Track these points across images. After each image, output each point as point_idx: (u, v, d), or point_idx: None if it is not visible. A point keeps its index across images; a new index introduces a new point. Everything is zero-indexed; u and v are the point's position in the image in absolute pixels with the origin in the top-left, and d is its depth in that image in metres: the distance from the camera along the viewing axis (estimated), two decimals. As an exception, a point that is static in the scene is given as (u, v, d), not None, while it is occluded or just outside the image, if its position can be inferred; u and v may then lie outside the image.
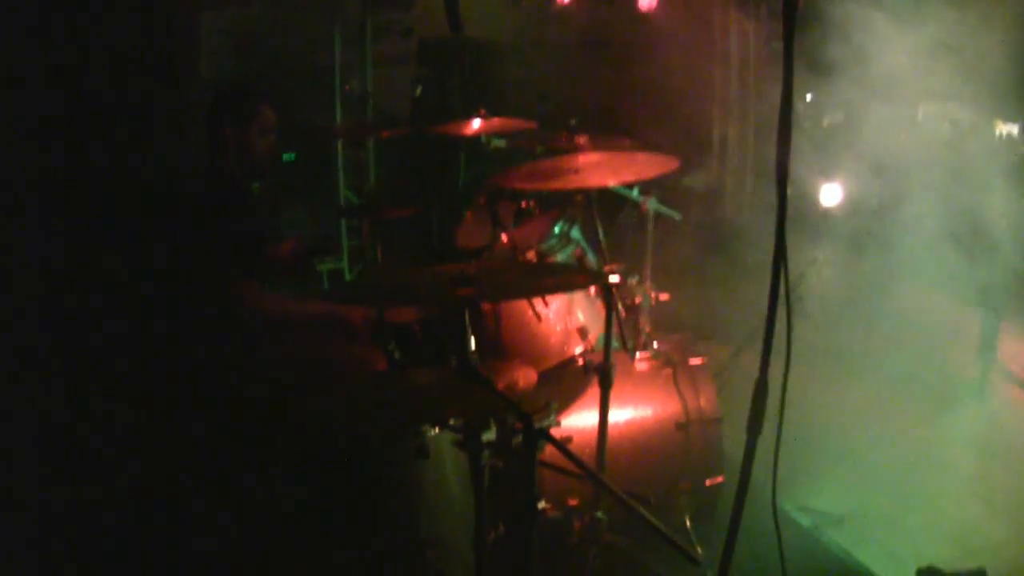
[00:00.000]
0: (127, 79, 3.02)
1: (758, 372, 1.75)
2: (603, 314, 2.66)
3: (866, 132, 4.45)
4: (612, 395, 2.65)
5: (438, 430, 2.20)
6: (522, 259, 2.89)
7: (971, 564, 2.70)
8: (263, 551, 2.53)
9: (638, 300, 3.12)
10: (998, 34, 3.72)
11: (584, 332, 2.85)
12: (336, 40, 5.63)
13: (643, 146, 3.20)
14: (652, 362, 3.01)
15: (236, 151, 3.00)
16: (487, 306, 2.79)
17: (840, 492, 3.25)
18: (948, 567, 2.65)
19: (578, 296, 2.90)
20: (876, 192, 4.72)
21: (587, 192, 2.90)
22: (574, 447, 2.68)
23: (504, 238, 3.05)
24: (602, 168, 2.69)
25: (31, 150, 2.75)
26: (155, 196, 3.12)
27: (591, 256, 2.99)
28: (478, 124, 3.53)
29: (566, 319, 2.84)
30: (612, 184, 2.80)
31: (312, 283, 5.31)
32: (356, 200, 5.72)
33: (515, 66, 6.16)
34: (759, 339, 1.73)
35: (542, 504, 1.89)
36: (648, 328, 3.10)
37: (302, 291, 4.34)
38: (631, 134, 3.75)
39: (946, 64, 3.79)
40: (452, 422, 2.07)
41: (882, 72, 4.00)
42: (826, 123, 5.18)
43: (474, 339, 2.01)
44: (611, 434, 2.70)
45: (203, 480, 2.73)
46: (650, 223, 3.28)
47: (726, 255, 5.70)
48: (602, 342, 2.64)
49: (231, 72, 5.36)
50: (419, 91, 5.92)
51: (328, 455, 2.40)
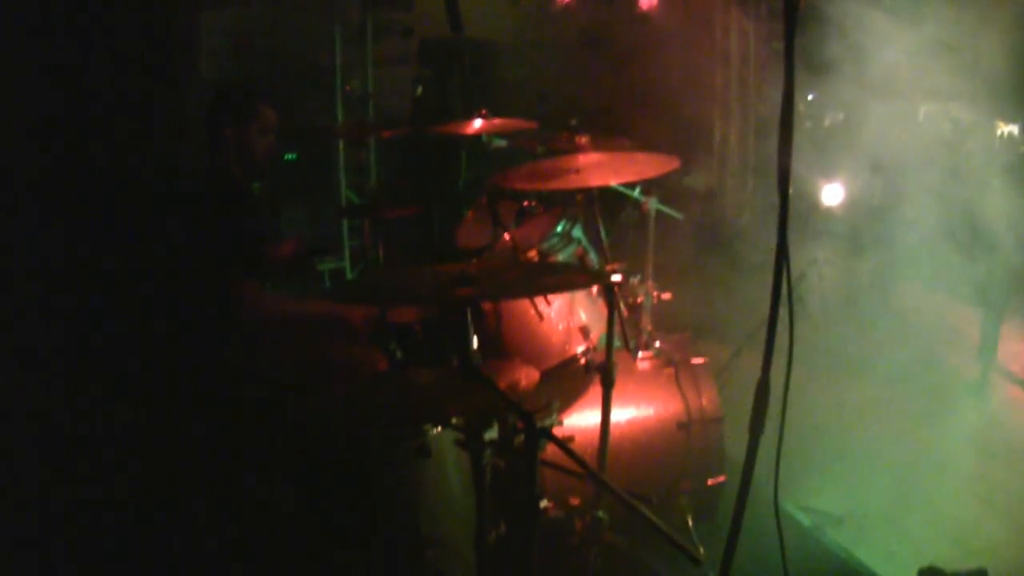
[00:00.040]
0: (127, 79, 3.01)
1: (760, 372, 1.75)
2: (605, 313, 2.65)
3: (867, 132, 4.44)
4: (614, 394, 2.66)
5: (440, 429, 2.20)
6: (523, 258, 2.89)
7: (971, 564, 2.70)
8: (263, 551, 2.53)
9: (640, 299, 3.13)
10: (998, 34, 3.72)
11: (586, 331, 2.85)
12: (336, 40, 5.63)
13: (643, 146, 3.20)
14: (654, 361, 3.01)
15: (236, 151, 3.00)
16: (488, 305, 2.78)
17: (840, 492, 3.25)
18: (948, 567, 2.65)
19: (580, 295, 2.89)
20: (877, 192, 4.72)
21: (588, 191, 2.90)
22: (576, 446, 2.63)
23: (505, 237, 3.05)
24: (603, 168, 2.69)
25: (31, 150, 2.74)
26: (155, 196, 3.12)
27: (593, 255, 2.99)
28: (479, 124, 3.53)
29: (568, 318, 2.84)
30: (613, 184, 2.81)
31: (313, 283, 5.31)
32: (357, 200, 5.72)
33: (515, 66, 6.15)
34: (760, 339, 1.73)
35: (544, 503, 1.89)
36: (650, 327, 3.10)
37: (302, 291, 4.34)
38: (631, 134, 3.75)
39: (947, 64, 3.79)
40: (454, 421, 2.07)
41: (883, 72, 4.00)
42: (827, 123, 5.18)
43: (476, 338, 2.01)
44: (613, 433, 2.70)
45: (203, 480, 2.73)
46: (651, 223, 3.28)
47: (727, 254, 5.70)
48: (604, 341, 2.64)
49: (231, 72, 5.35)
50: (420, 91, 5.91)
51: (328, 455, 2.40)
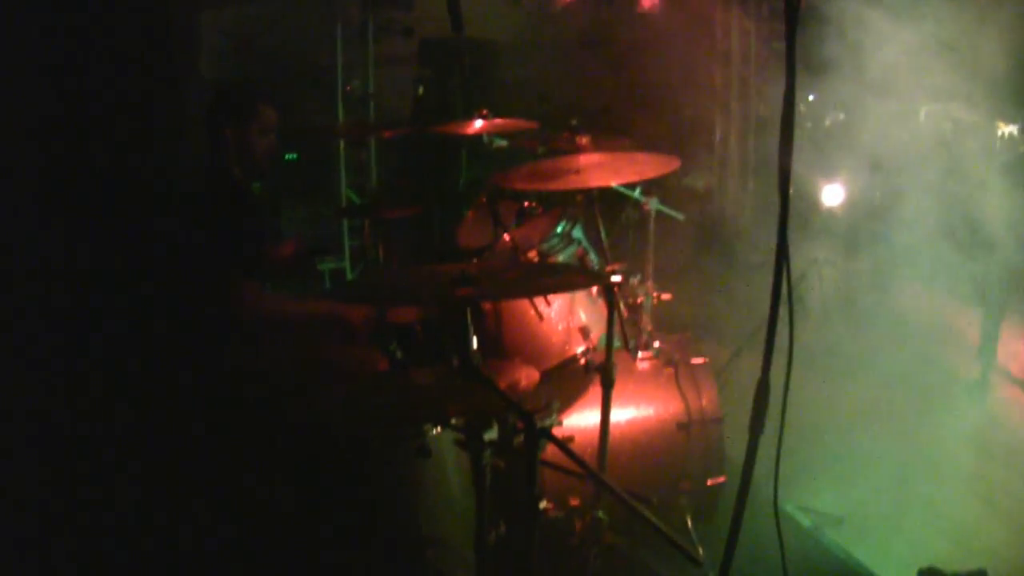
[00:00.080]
0: (127, 79, 3.01)
1: (760, 372, 1.75)
2: (605, 313, 2.65)
3: (867, 132, 4.44)
4: (614, 394, 2.66)
5: (439, 429, 2.20)
6: (523, 259, 2.89)
7: (971, 565, 2.70)
8: (263, 551, 2.53)
9: (640, 299, 3.12)
10: (998, 33, 3.72)
11: (586, 331, 2.85)
12: (337, 40, 5.63)
13: (644, 146, 3.21)
14: (654, 362, 3.01)
15: (236, 151, 3.00)
16: (489, 306, 2.78)
17: (840, 492, 3.25)
18: (948, 567, 2.65)
19: (580, 296, 2.89)
20: (877, 192, 4.72)
21: (589, 192, 2.90)
22: (575, 447, 2.65)
23: (506, 238, 3.05)
24: (603, 168, 2.69)
25: (31, 150, 2.75)
26: (155, 196, 3.12)
27: (593, 256, 2.99)
28: (479, 124, 3.53)
29: (568, 319, 2.84)
30: (613, 184, 2.81)
31: (313, 283, 5.31)
32: (358, 200, 5.71)
33: (516, 66, 6.15)
34: (760, 339, 1.73)
35: (543, 504, 1.89)
36: (650, 327, 3.09)
37: (302, 291, 4.33)
38: (632, 134, 3.75)
39: (947, 64, 3.79)
40: (454, 421, 2.07)
41: (883, 72, 3.99)
42: (828, 123, 5.17)
43: (476, 339, 2.01)
44: (612, 434, 2.70)
45: (203, 480, 2.73)
46: (651, 223, 3.28)
47: (727, 255, 5.70)
48: (604, 341, 2.64)
49: (231, 72, 5.35)
50: (420, 91, 5.91)
51: (328, 455, 2.40)
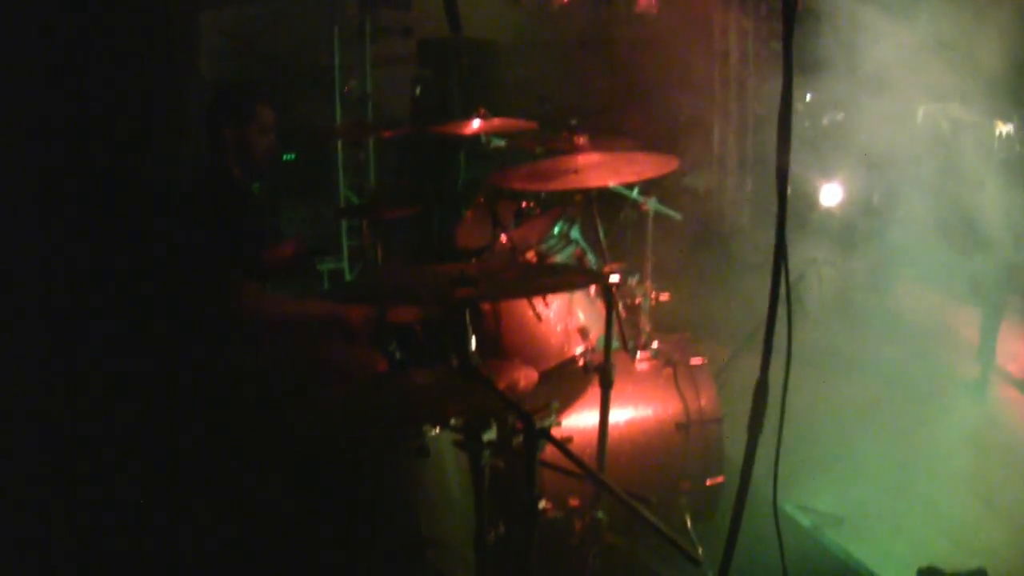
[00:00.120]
0: (127, 79, 3.02)
1: (758, 372, 1.75)
2: (603, 314, 2.65)
3: (865, 132, 4.44)
4: (612, 395, 2.65)
5: (439, 430, 2.20)
6: (522, 259, 2.89)
7: (971, 564, 2.70)
8: (263, 551, 2.53)
9: (638, 300, 3.12)
10: (996, 33, 3.73)
11: (584, 332, 2.85)
12: (336, 40, 5.63)
13: (642, 146, 3.21)
14: (652, 362, 3.00)
15: (235, 151, 3.00)
16: (487, 306, 2.78)
17: (840, 492, 3.25)
18: (948, 567, 2.65)
19: (578, 296, 2.89)
20: (875, 192, 4.72)
21: (587, 192, 2.90)
22: (574, 447, 2.63)
23: (504, 238, 3.05)
24: (602, 168, 2.69)
25: (31, 150, 2.75)
26: (155, 196, 3.12)
27: (591, 256, 2.99)
28: (478, 124, 3.53)
29: (566, 319, 2.84)
30: (611, 184, 2.81)
31: (312, 283, 5.31)
32: (356, 200, 5.71)
33: (515, 66, 6.15)
34: (759, 339, 1.73)
35: (543, 504, 1.89)
36: (648, 328, 3.10)
37: (302, 291, 4.34)
38: (630, 134, 3.75)
39: (945, 63, 3.79)
40: (453, 422, 2.07)
41: (881, 72, 4.00)
42: (825, 123, 5.17)
43: (475, 339, 2.01)
44: (611, 434, 2.69)
45: (203, 480, 2.73)
46: (650, 223, 3.28)
47: (726, 255, 5.70)
48: (602, 342, 2.64)
49: (231, 72, 5.35)
50: (419, 91, 5.91)
51: (328, 455, 2.40)
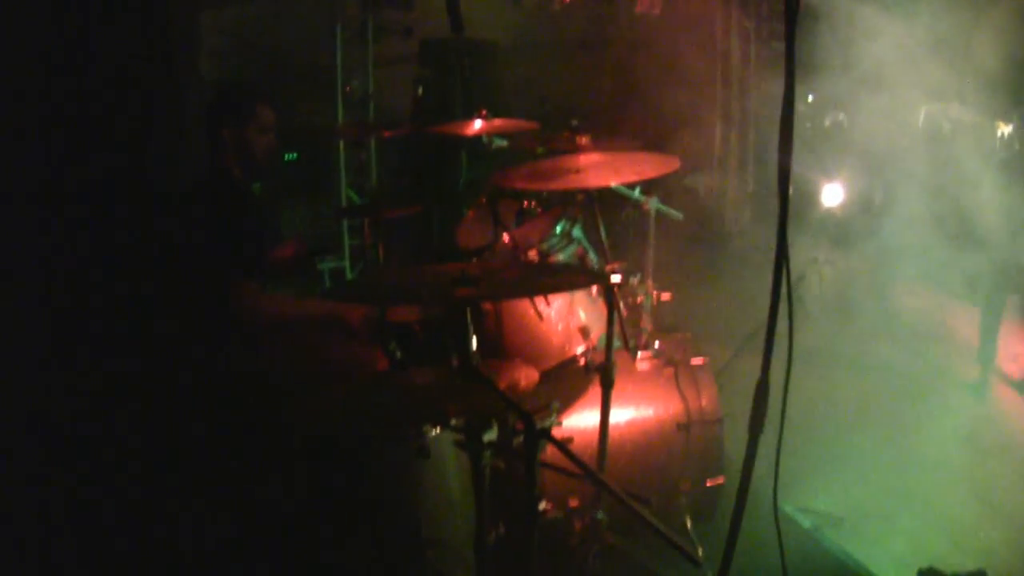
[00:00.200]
0: (127, 79, 3.02)
1: (759, 372, 1.75)
2: (605, 313, 2.65)
3: (867, 132, 4.44)
4: (613, 395, 2.66)
5: (439, 430, 2.20)
6: (523, 259, 2.89)
7: (971, 565, 2.70)
8: (263, 551, 2.53)
9: (640, 299, 3.13)
10: (996, 33, 3.73)
11: (586, 332, 2.85)
12: (337, 40, 5.63)
13: (643, 146, 3.20)
14: (653, 362, 3.00)
15: (235, 151, 3.00)
16: (488, 306, 2.78)
17: (839, 493, 3.25)
18: (948, 568, 2.65)
19: (580, 295, 2.89)
20: (877, 192, 4.72)
21: (588, 192, 2.90)
22: (575, 447, 2.63)
23: (505, 238, 3.05)
24: (603, 168, 2.69)
25: (32, 150, 2.75)
26: (155, 196, 3.12)
27: (592, 255, 2.99)
28: (479, 124, 3.53)
29: (568, 319, 2.84)
30: (613, 184, 2.80)
31: (313, 283, 5.31)
32: (358, 200, 5.72)
33: (515, 66, 6.16)
34: (760, 339, 1.72)
35: (543, 504, 1.89)
36: (649, 327, 3.10)
37: (303, 291, 4.34)
38: (631, 134, 3.75)
39: (947, 64, 3.79)
40: (453, 422, 2.07)
41: (882, 72, 4.00)
42: (827, 123, 5.18)
43: (475, 339, 2.00)
44: (612, 434, 2.70)
45: (203, 480, 2.73)
46: (651, 223, 3.28)
47: (727, 255, 5.70)
48: (603, 341, 2.64)
49: (231, 72, 5.35)
50: (420, 91, 5.91)
51: (328, 456, 2.40)
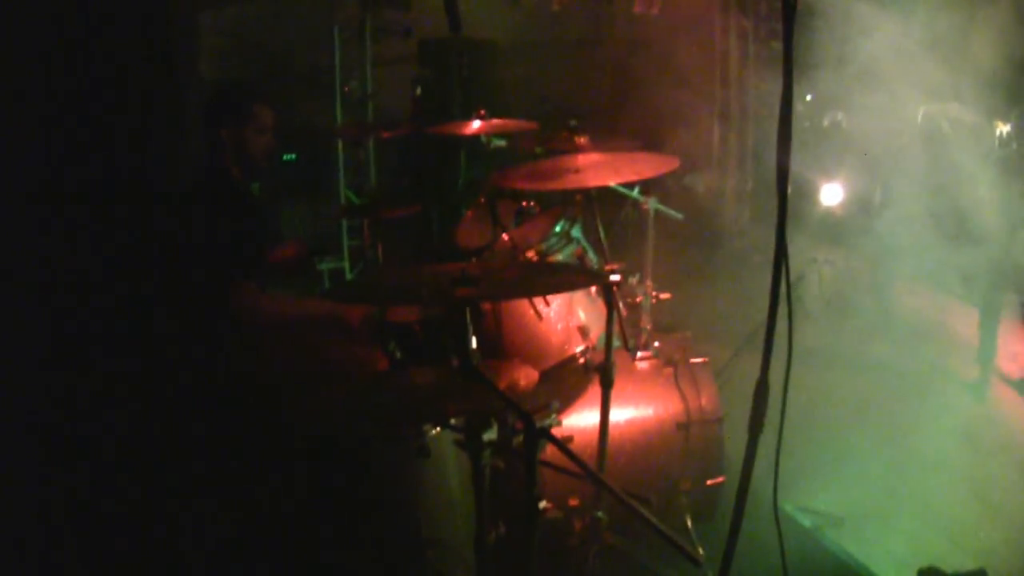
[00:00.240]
0: (127, 79, 3.02)
1: (759, 372, 1.75)
2: (604, 313, 2.66)
3: (866, 132, 4.44)
4: (613, 394, 2.66)
5: (439, 430, 2.20)
6: (522, 258, 2.89)
7: (971, 565, 2.70)
8: (263, 551, 2.53)
9: (639, 299, 3.13)
10: (995, 33, 3.73)
11: (585, 331, 2.85)
12: (336, 40, 5.63)
13: (642, 146, 3.21)
14: (653, 361, 3.01)
15: (233, 151, 3.00)
16: (488, 306, 2.78)
17: (840, 493, 3.25)
18: (948, 567, 2.65)
19: (579, 295, 2.89)
20: (876, 191, 4.72)
21: (588, 191, 2.90)
22: (575, 447, 2.68)
23: (504, 237, 3.05)
24: (602, 168, 2.69)
25: (32, 150, 2.75)
26: (155, 196, 3.12)
27: (592, 255, 2.99)
28: (478, 124, 3.53)
29: (567, 318, 2.84)
30: (612, 184, 2.81)
31: (313, 283, 5.31)
32: (357, 200, 5.72)
33: (515, 66, 6.16)
34: (759, 339, 1.73)
35: (543, 504, 1.89)
36: (649, 327, 3.10)
37: (303, 291, 4.34)
38: (630, 134, 3.75)
39: (946, 64, 3.79)
40: (453, 421, 2.07)
41: (881, 72, 4.00)
42: (826, 123, 5.18)
43: (475, 339, 2.01)
44: (612, 434, 2.70)
45: (203, 480, 2.73)
46: (651, 222, 3.29)
47: (726, 254, 5.70)
48: (603, 341, 2.64)
49: (231, 72, 5.36)
50: (419, 91, 5.91)
51: (328, 455, 2.40)
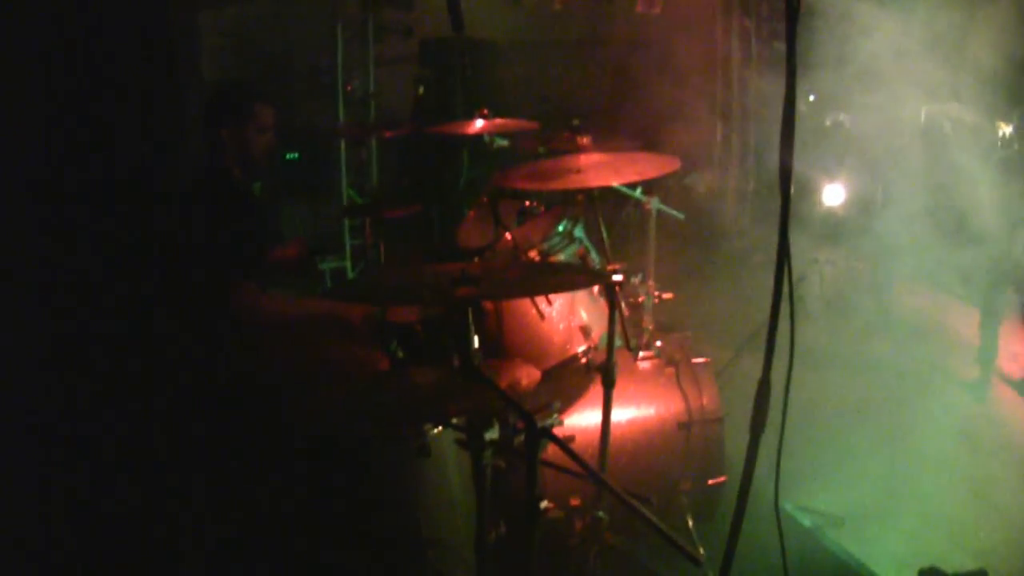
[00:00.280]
0: (127, 79, 3.02)
1: (760, 372, 1.75)
2: (606, 313, 2.65)
3: (868, 132, 4.44)
4: (615, 394, 2.66)
5: (440, 429, 2.20)
6: (524, 258, 2.89)
7: (972, 565, 2.70)
8: (263, 551, 2.53)
9: (641, 299, 3.13)
10: (997, 33, 3.73)
11: (587, 331, 2.85)
12: (338, 40, 5.64)
13: (644, 146, 3.21)
14: (655, 361, 3.01)
15: (234, 150, 3.00)
16: (490, 305, 2.78)
17: (841, 492, 3.25)
18: (948, 567, 2.65)
19: (581, 295, 2.89)
20: (878, 192, 4.73)
21: (589, 191, 2.90)
22: (576, 446, 2.67)
23: (507, 237, 3.05)
24: (604, 168, 2.69)
25: (32, 150, 2.75)
26: (155, 196, 3.12)
27: (594, 255, 2.99)
28: (480, 124, 3.52)
29: (569, 318, 2.84)
30: (614, 184, 2.81)
31: (315, 283, 5.31)
32: (359, 200, 5.72)
33: (515, 66, 6.16)
34: (761, 339, 1.72)
35: (544, 504, 1.89)
36: (651, 327, 3.10)
37: (304, 291, 4.33)
38: (632, 134, 3.75)
39: (948, 64, 3.79)
40: (454, 421, 2.07)
41: (883, 72, 4.00)
42: (828, 123, 5.18)
43: (477, 338, 2.01)
44: (613, 433, 2.70)
45: (203, 480, 2.73)
46: (653, 222, 3.29)
47: (728, 255, 5.70)
48: (605, 341, 2.64)
49: (231, 72, 5.36)
50: (421, 91, 5.91)
51: (328, 455, 2.40)
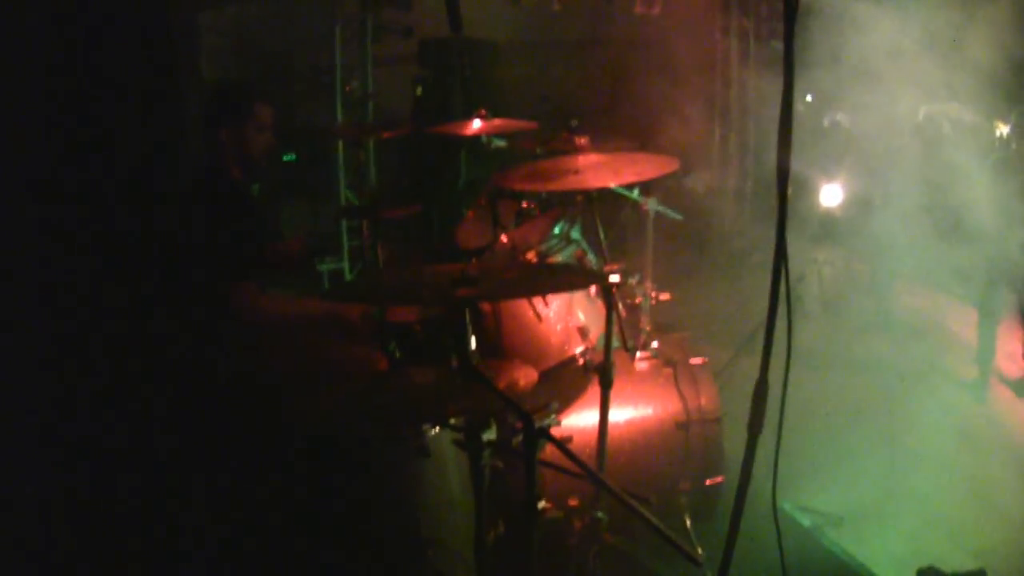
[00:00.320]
0: (127, 79, 3.02)
1: (758, 372, 1.75)
2: (604, 314, 2.66)
3: (866, 132, 4.44)
4: (612, 394, 2.66)
5: (439, 429, 2.20)
6: (522, 259, 2.89)
7: (970, 565, 2.70)
8: (263, 551, 2.53)
9: (638, 300, 3.13)
10: (995, 32, 3.72)
11: (584, 332, 2.85)
12: (336, 40, 5.64)
13: (642, 146, 3.21)
14: (652, 361, 3.01)
15: (233, 150, 3.00)
16: (487, 306, 2.79)
17: (839, 492, 3.25)
18: (948, 567, 2.66)
19: (578, 296, 2.89)
20: (876, 192, 4.72)
21: (587, 192, 2.90)
22: (574, 447, 2.68)
23: (504, 238, 3.05)
24: (602, 169, 2.69)
25: (31, 150, 2.75)
26: (155, 196, 3.12)
27: (591, 256, 2.99)
28: (479, 124, 3.53)
29: (567, 319, 2.84)
30: (612, 185, 2.81)
31: (313, 283, 5.31)
32: (357, 200, 5.71)
33: (515, 66, 6.16)
34: (759, 339, 1.73)
35: (542, 504, 1.89)
36: (648, 327, 3.10)
37: (303, 291, 4.34)
38: (630, 134, 3.75)
39: (946, 64, 3.79)
40: (453, 421, 2.07)
41: (881, 72, 3.99)
42: (826, 123, 5.18)
43: (475, 339, 2.01)
44: (611, 434, 2.70)
45: (203, 480, 2.73)
46: (650, 223, 3.29)
47: (726, 255, 5.71)
48: (602, 341, 2.65)
49: (231, 72, 5.36)
50: (420, 91, 5.91)
51: (327, 456, 2.40)
